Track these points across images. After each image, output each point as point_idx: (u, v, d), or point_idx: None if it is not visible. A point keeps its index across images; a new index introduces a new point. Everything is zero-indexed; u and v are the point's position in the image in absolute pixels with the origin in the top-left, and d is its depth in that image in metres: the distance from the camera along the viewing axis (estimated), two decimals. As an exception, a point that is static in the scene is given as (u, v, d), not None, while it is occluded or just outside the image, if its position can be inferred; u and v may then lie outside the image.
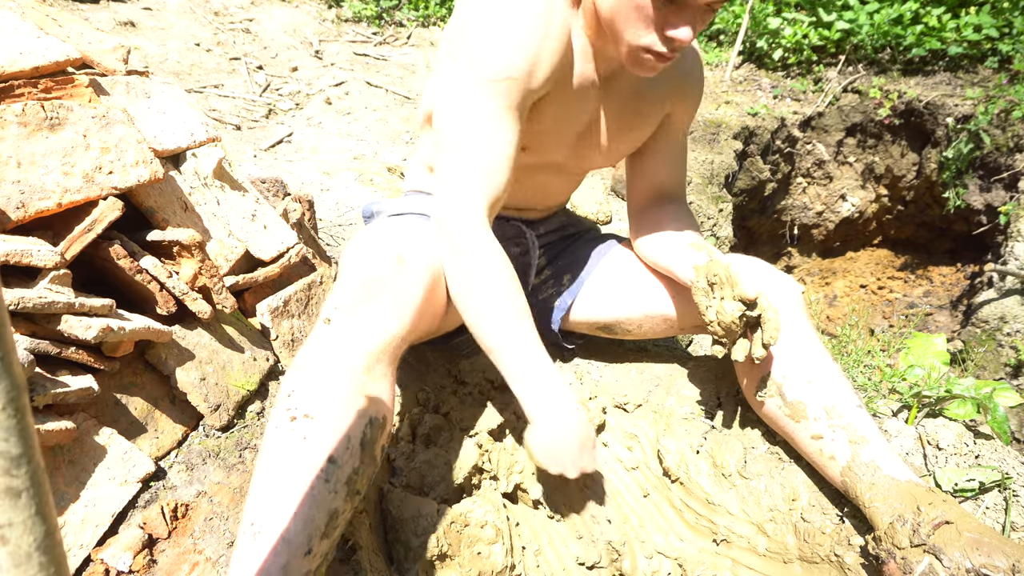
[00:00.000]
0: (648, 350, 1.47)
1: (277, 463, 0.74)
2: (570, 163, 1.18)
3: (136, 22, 3.25)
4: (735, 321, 1.00)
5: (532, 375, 0.95)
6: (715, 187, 3.06)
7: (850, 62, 4.08)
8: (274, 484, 0.73)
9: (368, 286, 0.89)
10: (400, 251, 0.94)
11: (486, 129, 0.94)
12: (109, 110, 0.94)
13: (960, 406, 1.17)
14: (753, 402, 1.11)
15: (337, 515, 0.74)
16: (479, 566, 0.97)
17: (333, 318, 0.85)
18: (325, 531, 0.72)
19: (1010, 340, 2.83)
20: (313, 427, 0.76)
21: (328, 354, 0.81)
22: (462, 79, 0.94)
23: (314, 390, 0.78)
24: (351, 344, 0.82)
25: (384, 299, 0.88)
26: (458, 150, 0.96)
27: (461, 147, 0.95)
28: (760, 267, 1.15)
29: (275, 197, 1.42)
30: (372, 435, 0.80)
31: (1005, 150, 3.38)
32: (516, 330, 0.95)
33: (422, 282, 0.93)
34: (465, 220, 0.95)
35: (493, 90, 0.93)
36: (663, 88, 1.14)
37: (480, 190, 0.95)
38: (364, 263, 0.93)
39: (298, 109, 2.95)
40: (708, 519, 1.10)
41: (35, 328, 0.80)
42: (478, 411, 1.23)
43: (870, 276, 4.33)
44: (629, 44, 0.93)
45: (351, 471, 0.76)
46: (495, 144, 0.95)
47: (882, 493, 0.91)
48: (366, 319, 0.85)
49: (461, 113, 0.95)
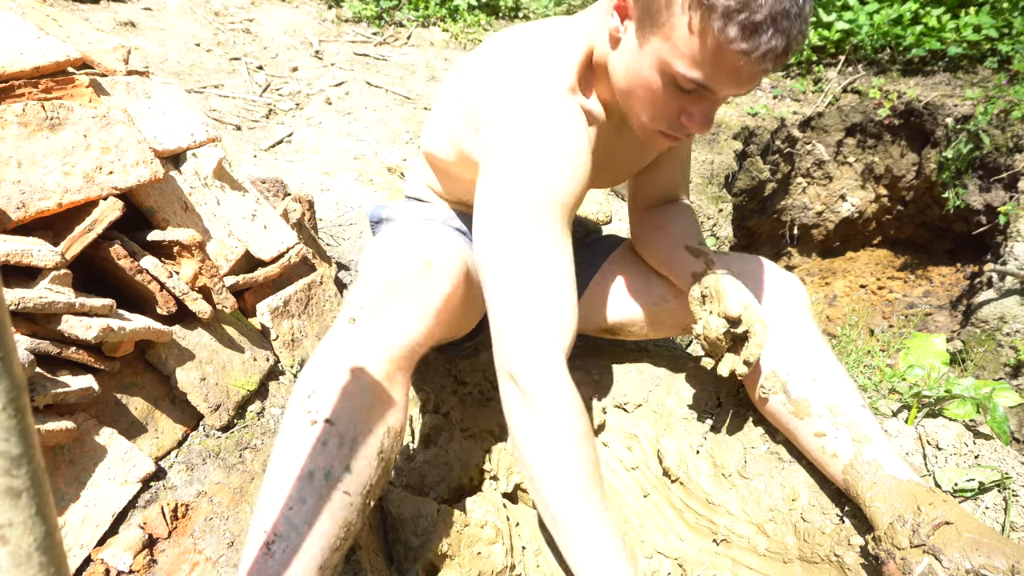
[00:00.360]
0: (648, 350, 1.47)
1: (294, 467, 0.72)
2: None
3: (136, 22, 3.25)
4: (720, 337, 1.01)
5: (592, 556, 0.84)
6: (715, 187, 3.06)
7: (850, 62, 4.08)
8: (290, 492, 0.71)
9: (393, 287, 0.87)
10: (429, 255, 0.93)
11: (549, 261, 0.86)
12: (109, 110, 0.94)
13: (960, 406, 1.17)
14: (756, 399, 1.11)
15: (351, 527, 0.73)
16: (479, 566, 0.97)
17: (358, 318, 0.83)
18: (339, 544, 0.71)
19: (1010, 340, 2.83)
20: (334, 433, 0.74)
21: (352, 357, 0.79)
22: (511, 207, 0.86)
23: (336, 394, 0.76)
24: (375, 348, 0.80)
25: (408, 302, 0.86)
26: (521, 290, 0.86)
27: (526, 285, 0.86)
28: (765, 266, 1.15)
29: (275, 197, 1.43)
30: (388, 445, 0.79)
31: (1005, 150, 3.39)
32: (584, 504, 0.84)
33: (446, 289, 0.92)
34: (543, 367, 0.84)
35: (545, 216, 0.86)
36: None
37: (554, 331, 0.86)
38: (392, 264, 0.91)
39: (298, 109, 2.95)
40: (708, 519, 1.10)
41: (35, 328, 0.80)
42: (478, 411, 1.23)
43: (870, 276, 4.33)
44: (642, 123, 0.91)
45: (368, 482, 0.75)
46: (560, 277, 0.87)
47: (883, 492, 0.91)
48: (391, 321, 0.83)
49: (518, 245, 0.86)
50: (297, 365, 1.18)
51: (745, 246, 4.08)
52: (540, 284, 0.86)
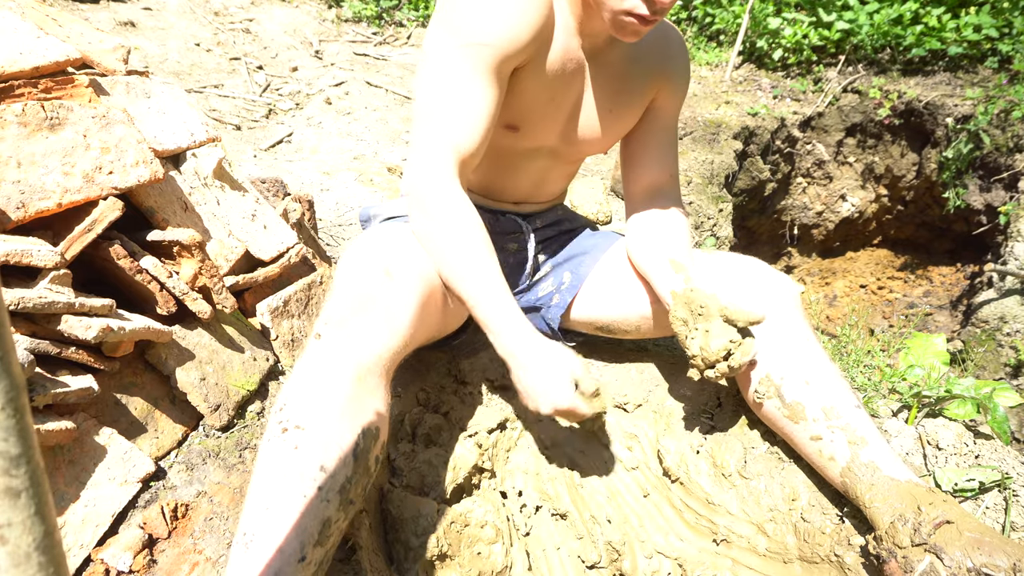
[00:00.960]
0: (648, 350, 1.47)
1: (269, 474, 0.74)
2: (563, 148, 1.19)
3: (136, 22, 3.25)
4: (719, 355, 1.01)
5: (504, 323, 0.97)
6: (715, 187, 3.06)
7: (850, 62, 4.08)
8: (266, 494, 0.73)
9: (357, 302, 0.89)
10: (388, 265, 0.95)
11: (459, 89, 0.96)
12: (109, 110, 0.94)
13: (960, 406, 1.17)
14: (752, 403, 1.11)
15: (330, 523, 0.74)
16: (479, 566, 0.97)
17: (323, 333, 0.86)
18: (319, 539, 0.72)
19: (1010, 340, 2.83)
20: (304, 437, 0.76)
21: (319, 366, 0.82)
22: (440, 44, 0.97)
23: (305, 401, 0.78)
24: (341, 356, 0.83)
25: (374, 314, 0.88)
26: (430, 109, 0.97)
27: (433, 106, 0.97)
28: (757, 267, 1.15)
29: (275, 197, 1.43)
30: (365, 445, 0.80)
31: (1005, 150, 3.39)
32: (486, 282, 0.97)
33: (413, 294, 0.94)
34: (432, 174, 0.96)
35: (469, 53, 0.95)
36: (647, 69, 1.15)
37: (449, 145, 0.97)
38: (353, 279, 0.93)
39: (298, 109, 2.95)
40: (708, 519, 1.10)
41: (35, 328, 0.80)
42: (478, 411, 1.23)
43: (870, 276, 4.33)
44: (611, 9, 0.94)
45: (344, 480, 0.76)
46: (468, 102, 0.96)
47: (882, 493, 0.91)
48: (356, 333, 0.86)
49: (436, 75, 0.97)
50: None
51: (745, 246, 4.08)
52: (446, 108, 0.96)
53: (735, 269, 1.15)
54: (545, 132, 1.14)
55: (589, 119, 1.15)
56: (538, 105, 1.08)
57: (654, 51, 1.14)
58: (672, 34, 1.18)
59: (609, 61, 1.11)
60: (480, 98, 0.97)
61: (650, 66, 1.15)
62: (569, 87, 1.09)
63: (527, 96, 1.05)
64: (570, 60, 1.06)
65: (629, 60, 1.12)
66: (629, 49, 1.12)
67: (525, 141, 1.14)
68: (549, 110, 1.10)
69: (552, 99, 1.08)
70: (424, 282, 0.97)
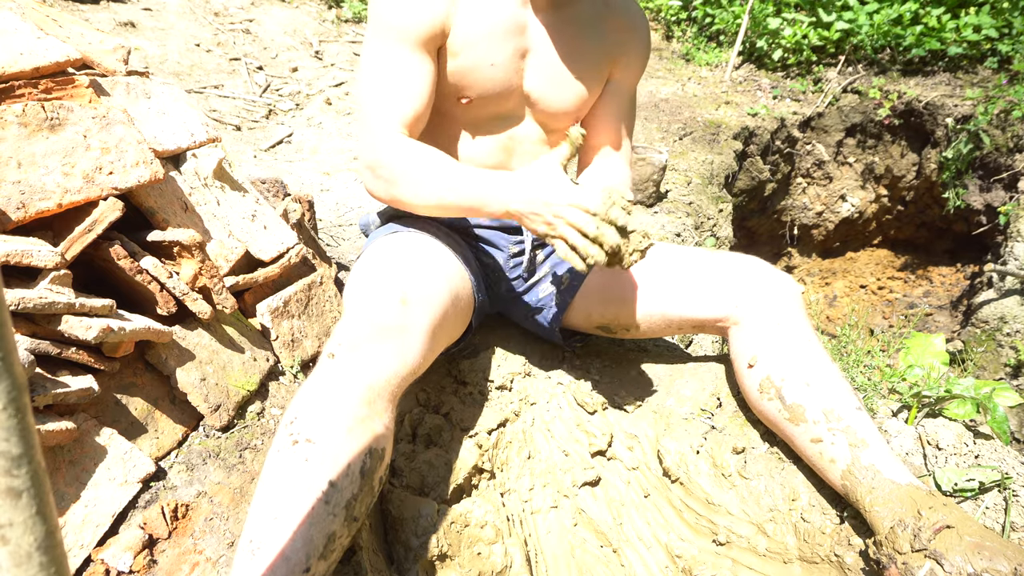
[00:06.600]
0: (648, 350, 1.47)
1: (278, 483, 0.75)
2: (527, 111, 1.20)
3: (136, 22, 3.25)
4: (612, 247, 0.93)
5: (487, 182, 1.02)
6: (715, 187, 3.06)
7: (850, 62, 4.08)
8: (274, 503, 0.73)
9: (373, 329, 0.90)
10: (405, 293, 0.96)
11: (388, 69, 1.05)
12: (109, 110, 0.94)
13: (960, 406, 1.17)
14: (752, 404, 1.11)
15: (335, 538, 0.75)
16: (479, 566, 0.97)
17: (337, 354, 0.87)
18: (323, 552, 0.73)
19: (1010, 340, 2.83)
20: (314, 451, 0.77)
21: (332, 385, 0.83)
22: (367, 40, 1.07)
23: (317, 417, 0.79)
24: (354, 378, 0.84)
25: (389, 343, 0.90)
26: (368, 94, 1.06)
27: (370, 91, 1.06)
28: (759, 266, 1.15)
29: (275, 197, 1.43)
30: (371, 464, 0.81)
31: (1005, 150, 3.39)
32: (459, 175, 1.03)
33: (428, 324, 0.96)
34: (380, 137, 1.05)
35: (388, 37, 1.04)
36: (604, 33, 1.17)
37: (391, 117, 1.05)
38: (369, 304, 0.94)
39: (298, 109, 2.95)
40: (708, 519, 1.10)
41: (35, 328, 0.80)
42: (478, 411, 1.23)
43: (870, 276, 4.33)
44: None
45: (350, 496, 0.77)
46: (398, 77, 1.05)
47: (882, 497, 0.91)
48: (370, 358, 0.87)
49: (368, 65, 1.07)
50: (297, 365, 1.18)
51: (745, 246, 4.08)
52: (382, 85, 1.05)
53: (736, 268, 1.15)
54: (498, 97, 1.15)
55: (543, 75, 1.16)
56: (480, 70, 1.11)
57: (612, 19, 1.17)
58: (635, 13, 1.22)
59: (562, 19, 1.13)
60: (409, 71, 1.05)
61: (608, 30, 1.18)
62: (506, 46, 1.10)
63: (466, 62, 1.09)
64: (505, 19, 1.08)
65: (585, 21, 1.15)
66: (591, 7, 1.15)
67: (483, 109, 1.16)
68: (493, 72, 1.12)
69: (492, 63, 1.11)
70: (439, 309, 0.99)
